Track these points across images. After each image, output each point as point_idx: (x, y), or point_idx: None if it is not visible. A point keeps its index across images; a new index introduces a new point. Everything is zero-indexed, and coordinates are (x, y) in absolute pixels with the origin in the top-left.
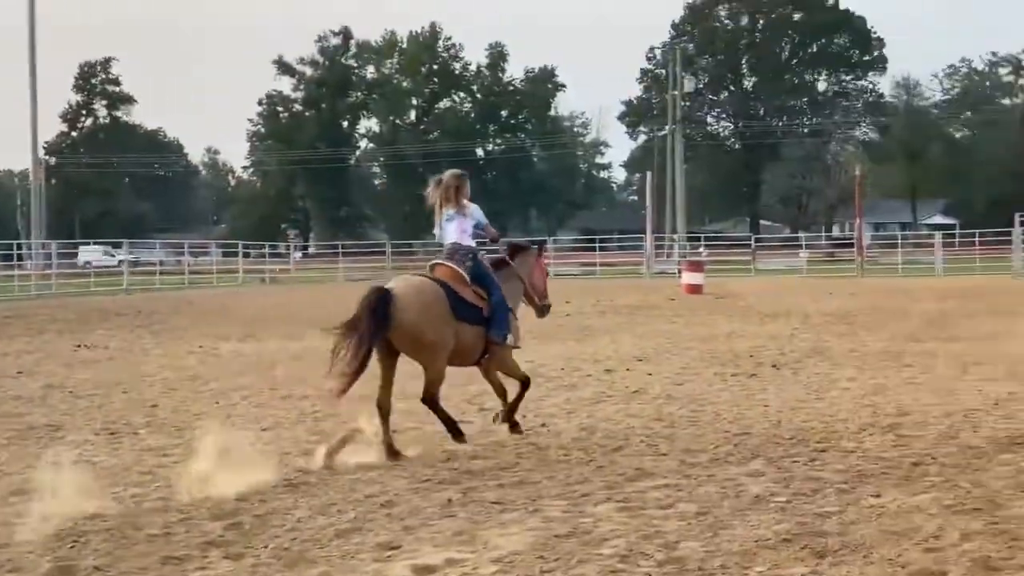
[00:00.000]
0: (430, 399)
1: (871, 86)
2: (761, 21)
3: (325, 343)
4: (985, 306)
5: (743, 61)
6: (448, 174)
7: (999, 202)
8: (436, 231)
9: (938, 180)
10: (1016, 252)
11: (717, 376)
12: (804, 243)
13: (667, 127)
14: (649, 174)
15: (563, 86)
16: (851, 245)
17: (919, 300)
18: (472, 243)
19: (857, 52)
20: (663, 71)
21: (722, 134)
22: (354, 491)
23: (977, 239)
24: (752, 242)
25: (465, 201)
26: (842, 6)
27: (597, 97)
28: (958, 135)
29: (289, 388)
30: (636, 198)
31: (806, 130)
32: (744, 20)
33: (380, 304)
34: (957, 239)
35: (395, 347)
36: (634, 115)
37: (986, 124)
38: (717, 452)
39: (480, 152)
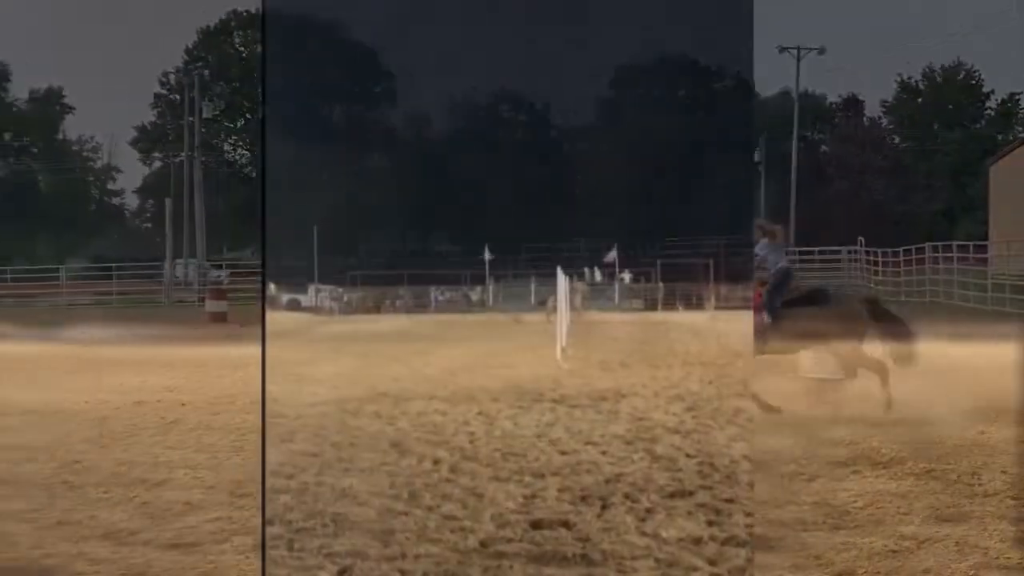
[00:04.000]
0: None
1: None
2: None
3: None
4: None
5: (259, 89)
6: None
7: None
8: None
9: None
10: None
11: None
12: None
13: (183, 154)
14: (168, 201)
15: (71, 108)
16: None
17: None
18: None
19: None
20: (178, 96)
21: (239, 161)
22: None
23: None
24: None
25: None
26: None
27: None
28: None
29: None
30: (151, 225)
31: None
32: (259, 48)
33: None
34: None
35: None
36: (147, 141)
37: None
38: None
39: None
